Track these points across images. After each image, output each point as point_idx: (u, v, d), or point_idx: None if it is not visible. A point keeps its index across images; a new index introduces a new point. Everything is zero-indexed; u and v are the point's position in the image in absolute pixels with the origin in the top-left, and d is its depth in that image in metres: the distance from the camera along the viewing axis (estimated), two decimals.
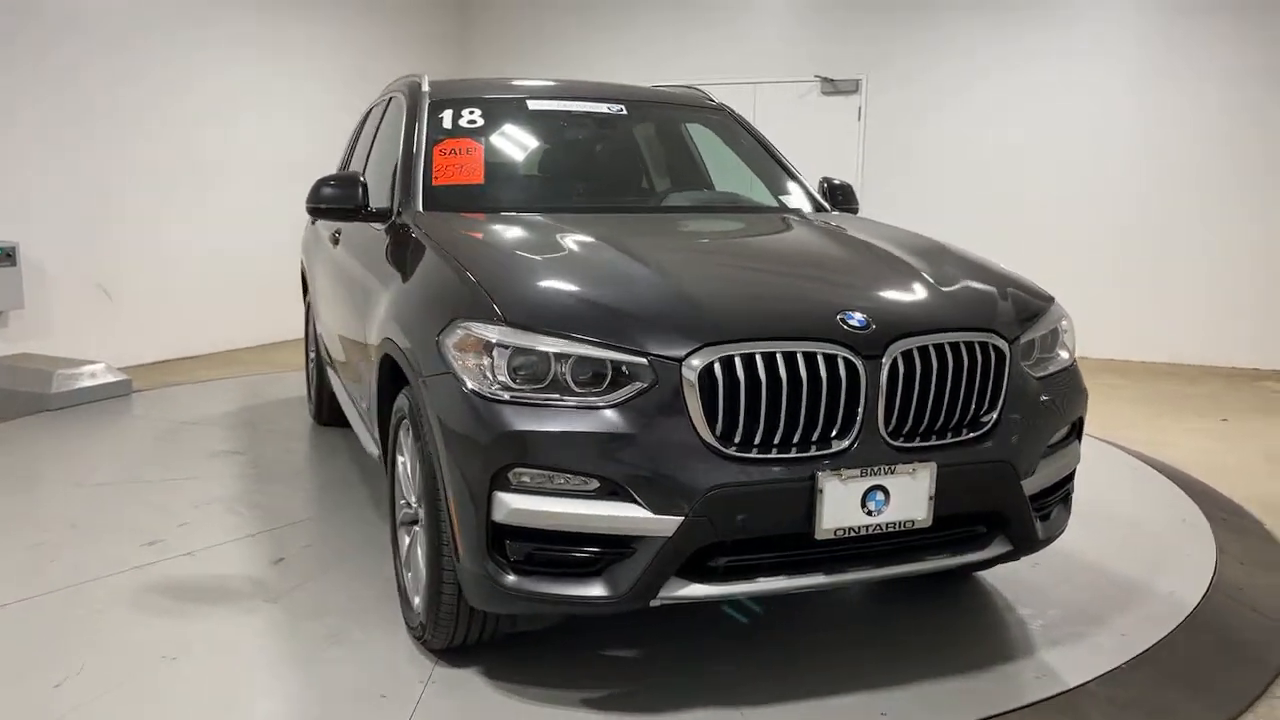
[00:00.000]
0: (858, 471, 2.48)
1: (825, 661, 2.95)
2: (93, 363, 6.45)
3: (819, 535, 2.47)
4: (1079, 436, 3.05)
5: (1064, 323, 3.04)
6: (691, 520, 2.38)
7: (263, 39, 8.46)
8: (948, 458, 2.58)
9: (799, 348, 2.47)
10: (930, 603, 3.35)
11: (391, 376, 3.23)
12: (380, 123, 4.64)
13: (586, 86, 4.51)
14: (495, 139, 4.02)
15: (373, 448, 3.71)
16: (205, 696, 2.74)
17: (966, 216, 8.40)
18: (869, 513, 2.50)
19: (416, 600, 2.98)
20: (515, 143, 4.11)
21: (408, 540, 3.11)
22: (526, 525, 2.45)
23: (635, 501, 2.40)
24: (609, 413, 2.42)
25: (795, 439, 2.47)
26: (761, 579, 2.52)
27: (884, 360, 2.52)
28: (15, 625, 3.17)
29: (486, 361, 2.51)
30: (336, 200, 3.62)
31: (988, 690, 2.79)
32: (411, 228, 3.38)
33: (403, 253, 3.34)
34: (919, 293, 2.81)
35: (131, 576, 3.52)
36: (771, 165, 4.30)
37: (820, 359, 2.48)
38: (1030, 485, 2.76)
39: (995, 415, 2.68)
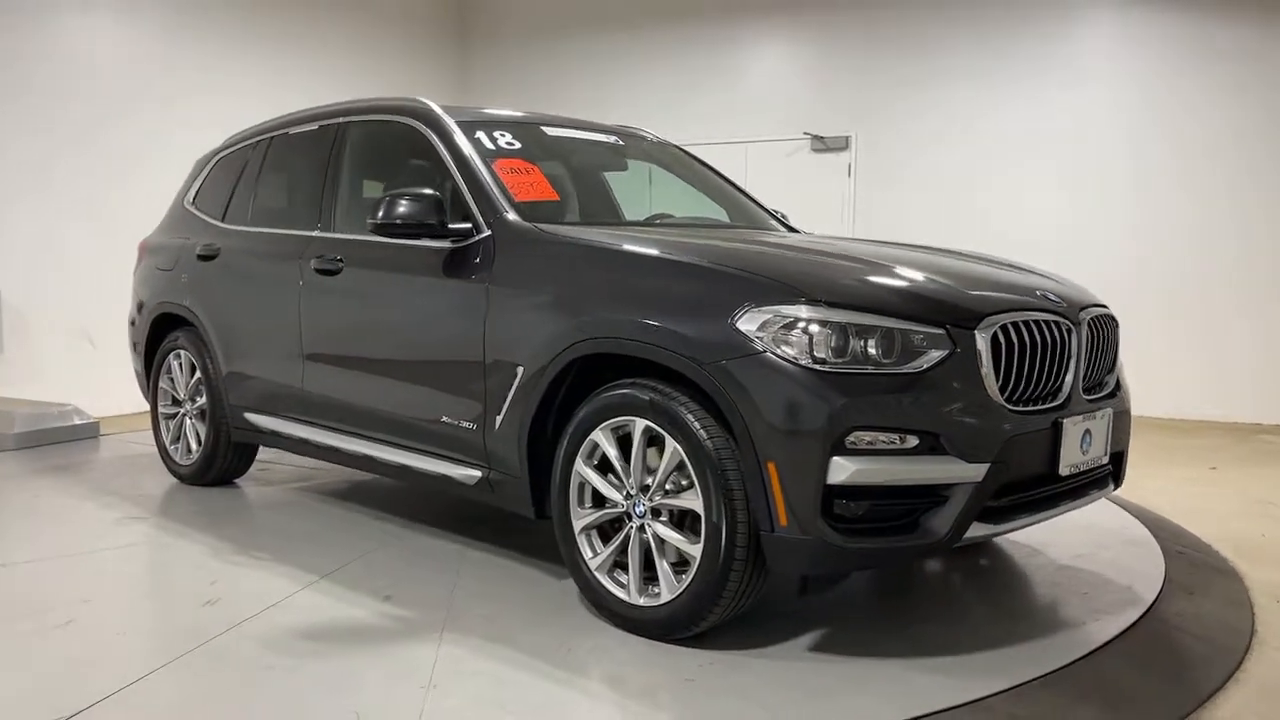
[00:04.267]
0: (1080, 417, 3.03)
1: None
2: (61, 405, 6.33)
3: (1062, 472, 2.97)
4: None
5: None
6: (995, 466, 2.77)
7: (250, 83, 8.20)
8: (1112, 406, 3.22)
9: (1041, 316, 2.99)
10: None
11: (562, 381, 3.22)
12: (333, 152, 4.42)
13: (564, 120, 4.65)
14: (538, 161, 4.06)
15: (468, 472, 3.55)
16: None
17: None
18: (1083, 452, 3.06)
19: (641, 600, 3.01)
20: (555, 165, 4.18)
21: (600, 545, 3.14)
22: (864, 484, 2.68)
23: (951, 454, 2.73)
24: (925, 376, 2.75)
25: (1038, 391, 2.96)
26: (1021, 516, 2.95)
27: (1082, 326, 3.11)
28: (180, 696, 2.67)
29: (803, 339, 2.72)
30: (421, 217, 3.50)
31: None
32: (545, 239, 3.40)
33: (551, 263, 3.34)
34: (1055, 279, 3.44)
35: (235, 637, 3.05)
36: (742, 196, 4.76)
37: (1054, 325, 3.00)
38: None
39: (1117, 372, 3.39)
